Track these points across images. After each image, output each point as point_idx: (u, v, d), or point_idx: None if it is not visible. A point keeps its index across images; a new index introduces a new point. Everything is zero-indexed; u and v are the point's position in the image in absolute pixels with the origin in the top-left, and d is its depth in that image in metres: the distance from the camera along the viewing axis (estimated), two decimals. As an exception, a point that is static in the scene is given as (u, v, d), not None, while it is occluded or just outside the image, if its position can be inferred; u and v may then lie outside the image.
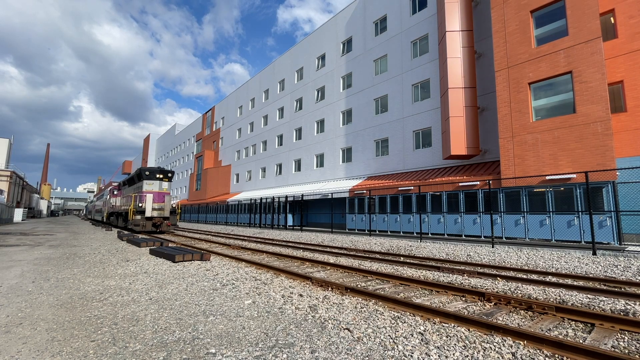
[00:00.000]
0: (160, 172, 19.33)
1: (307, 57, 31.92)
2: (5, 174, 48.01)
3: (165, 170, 19.68)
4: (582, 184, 12.24)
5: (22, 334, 3.48)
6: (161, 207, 18.72)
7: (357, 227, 20.80)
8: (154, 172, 19.19)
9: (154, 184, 19.06)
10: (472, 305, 4.74)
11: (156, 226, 18.52)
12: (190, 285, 5.69)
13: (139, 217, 17.97)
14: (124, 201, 23.24)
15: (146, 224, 18.01)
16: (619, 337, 3.55)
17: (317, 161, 29.54)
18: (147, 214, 17.99)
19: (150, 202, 18.24)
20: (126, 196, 22.41)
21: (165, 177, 19.57)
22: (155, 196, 18.72)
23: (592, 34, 13.01)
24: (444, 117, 18.43)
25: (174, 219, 19.60)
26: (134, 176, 20.79)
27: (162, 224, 18.67)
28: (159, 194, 19.01)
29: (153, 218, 18.34)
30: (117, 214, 24.88)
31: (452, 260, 8.75)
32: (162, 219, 18.70)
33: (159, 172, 19.29)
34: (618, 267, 7.62)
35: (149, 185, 18.91)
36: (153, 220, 18.35)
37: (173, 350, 3.05)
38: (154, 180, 19.15)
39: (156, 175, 19.17)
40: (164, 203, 18.94)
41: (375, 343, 3.24)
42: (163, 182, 19.47)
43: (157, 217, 18.44)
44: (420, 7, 22.02)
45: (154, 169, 19.29)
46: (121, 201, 24.27)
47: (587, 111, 12.91)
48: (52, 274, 6.78)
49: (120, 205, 24.16)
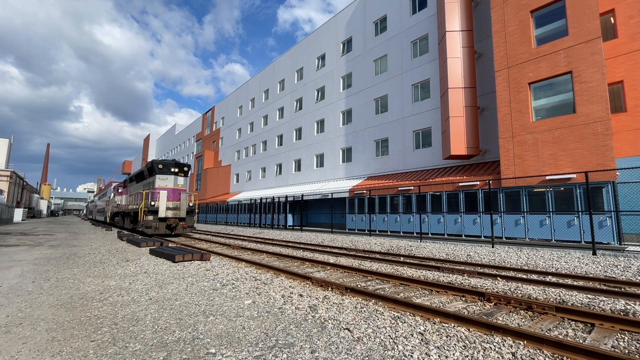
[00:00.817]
0: (175, 166, 16.70)
1: (307, 57, 31.92)
2: (5, 174, 48.02)
3: (181, 164, 17.02)
4: (582, 184, 12.24)
5: (22, 334, 3.48)
6: (176, 206, 16.25)
7: (357, 227, 20.79)
8: (169, 165, 16.58)
9: (168, 179, 16.47)
10: (472, 305, 4.74)
11: (171, 228, 15.93)
12: (190, 285, 5.68)
13: (151, 217, 15.46)
14: (131, 199, 20.58)
15: (159, 226, 15.58)
16: (619, 337, 3.55)
17: (317, 161, 29.54)
18: (160, 214, 15.50)
19: (164, 200, 15.67)
20: (134, 194, 19.72)
21: (180, 171, 16.95)
22: (169, 193, 16.08)
23: (592, 34, 13.00)
24: (444, 117, 18.43)
25: (191, 220, 16.83)
26: (144, 170, 18.21)
27: (178, 225, 16.06)
28: (174, 191, 16.36)
29: (167, 219, 15.81)
30: (123, 214, 22.41)
31: (452, 260, 8.74)
32: (178, 220, 16.11)
33: (174, 165, 16.66)
34: (618, 267, 7.62)
35: (162, 180, 16.33)
36: (167, 221, 15.80)
37: (173, 350, 3.05)
38: (168, 174, 16.56)
39: (171, 169, 16.55)
40: (180, 202, 16.28)
41: (375, 343, 3.24)
42: (178, 177, 16.78)
43: (172, 217, 15.91)
44: (420, 7, 22.02)
45: (168, 162, 16.64)
46: (128, 199, 21.66)
47: (587, 111, 12.91)
48: (52, 274, 6.78)
49: (127, 204, 21.48)
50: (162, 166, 16.42)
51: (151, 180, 16.99)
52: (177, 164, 16.80)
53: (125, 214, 21.38)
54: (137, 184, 20.07)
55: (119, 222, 24.05)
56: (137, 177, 19.99)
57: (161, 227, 15.64)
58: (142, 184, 18.62)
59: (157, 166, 16.39)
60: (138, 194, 18.23)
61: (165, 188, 16.17)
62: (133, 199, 19.85)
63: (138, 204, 17.47)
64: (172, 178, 16.59)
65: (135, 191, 19.47)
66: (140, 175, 19.24)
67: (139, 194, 17.94)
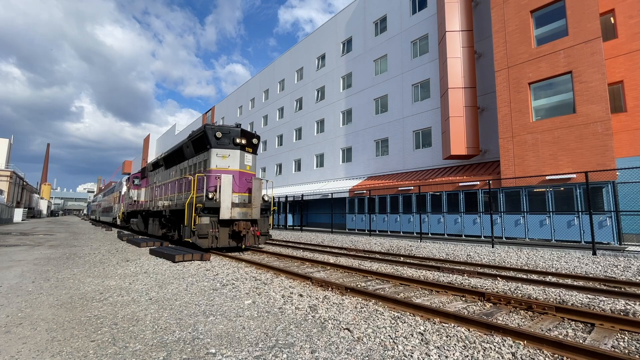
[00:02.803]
0: (242, 135, 10.66)
1: (307, 57, 31.92)
2: (5, 174, 48.05)
3: (249, 132, 11.02)
4: (582, 184, 12.23)
5: (22, 334, 3.48)
6: (246, 201, 10.33)
7: (357, 227, 20.79)
8: (232, 133, 10.52)
9: (231, 157, 10.39)
10: (472, 305, 4.74)
11: (238, 237, 9.98)
12: (190, 285, 5.68)
13: (207, 220, 9.49)
14: (160, 192, 14.12)
15: (220, 235, 9.69)
16: (619, 337, 3.55)
17: (317, 161, 29.54)
18: (223, 214, 9.42)
19: (228, 191, 9.55)
20: (165, 183, 13.67)
21: (249, 144, 10.96)
22: (236, 179, 10.18)
23: (592, 34, 13.00)
24: (444, 117, 18.43)
25: (265, 225, 10.80)
26: (186, 144, 11.63)
27: (248, 233, 9.99)
28: (242, 176, 10.47)
29: (233, 222, 9.81)
30: (146, 213, 15.97)
31: (452, 260, 8.75)
32: (249, 224, 9.97)
33: (239, 134, 10.59)
34: (618, 267, 7.62)
35: (222, 158, 10.29)
36: (233, 226, 9.77)
37: (173, 350, 3.05)
38: (232, 148, 10.44)
39: (235, 139, 10.45)
40: (252, 194, 10.23)
41: (375, 343, 3.24)
42: (246, 153, 10.81)
43: (241, 220, 9.85)
44: (420, 7, 22.02)
45: (230, 129, 10.55)
46: (152, 194, 15.37)
47: (587, 111, 12.90)
48: (52, 274, 6.78)
49: (151, 199, 15.26)
50: (222, 135, 10.31)
51: (200, 160, 10.95)
52: (244, 132, 10.74)
53: (151, 214, 15.00)
54: (164, 171, 14.21)
55: (136, 226, 17.58)
56: (170, 159, 13.53)
57: (223, 236, 9.77)
58: (180, 167, 12.56)
59: (213, 134, 10.26)
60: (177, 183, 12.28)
61: (227, 170, 10.18)
62: (162, 190, 13.81)
63: (175, 198, 12.08)
64: (237, 155, 10.49)
65: (166, 180, 13.57)
66: (177, 153, 12.76)
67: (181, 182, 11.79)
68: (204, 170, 10.50)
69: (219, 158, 10.31)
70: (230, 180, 9.70)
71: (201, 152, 10.97)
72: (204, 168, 10.62)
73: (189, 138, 11.49)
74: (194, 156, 11.46)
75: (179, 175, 12.33)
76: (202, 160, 10.87)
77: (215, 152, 10.30)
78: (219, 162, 10.30)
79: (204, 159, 10.74)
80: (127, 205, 19.85)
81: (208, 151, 10.42)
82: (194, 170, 11.22)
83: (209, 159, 10.32)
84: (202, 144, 10.78)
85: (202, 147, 10.85)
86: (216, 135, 10.29)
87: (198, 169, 11.02)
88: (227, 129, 10.51)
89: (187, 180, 11.17)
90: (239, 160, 10.53)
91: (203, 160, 10.75)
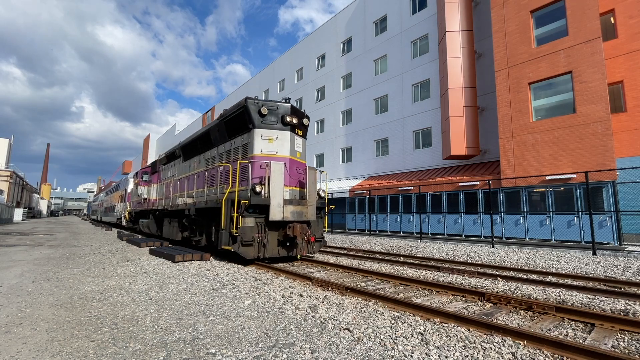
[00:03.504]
0: (292, 113, 8.38)
1: (307, 57, 31.92)
2: (5, 174, 48.05)
3: (299, 110, 8.79)
4: (582, 184, 12.24)
5: (22, 334, 3.48)
6: (297, 198, 8.25)
7: (357, 227, 20.80)
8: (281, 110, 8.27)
9: (279, 139, 8.17)
10: (472, 305, 4.74)
11: (290, 244, 7.96)
12: (190, 285, 5.68)
13: (252, 222, 7.41)
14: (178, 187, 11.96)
15: (269, 242, 7.63)
16: (619, 337, 3.55)
17: (317, 161, 29.54)
18: (273, 214, 7.33)
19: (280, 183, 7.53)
20: (185, 177, 11.54)
21: (300, 125, 8.75)
22: (287, 168, 8.11)
23: (592, 34, 13.00)
24: (444, 117, 18.43)
25: (320, 228, 8.87)
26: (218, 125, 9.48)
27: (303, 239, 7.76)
28: (292, 165, 8.33)
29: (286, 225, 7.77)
30: (160, 213, 13.70)
31: (452, 260, 8.75)
32: (303, 226, 7.77)
33: (289, 111, 8.32)
34: (618, 267, 7.62)
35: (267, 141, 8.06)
36: (285, 229, 7.73)
37: (173, 350, 3.05)
38: (280, 129, 8.21)
39: (285, 117, 8.21)
40: (306, 189, 8.18)
41: (375, 343, 3.24)
42: (296, 135, 8.63)
43: (294, 221, 7.74)
44: (420, 7, 22.02)
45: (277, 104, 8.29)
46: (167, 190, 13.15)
47: (587, 111, 12.91)
48: (52, 274, 6.78)
49: (165, 196, 13.10)
50: (267, 111, 8.05)
51: (237, 145, 8.68)
52: (294, 109, 8.50)
53: (167, 213, 12.72)
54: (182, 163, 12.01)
55: (147, 227, 15.12)
56: (191, 147, 11.38)
57: (272, 242, 7.76)
58: (205, 157, 10.39)
59: (257, 110, 8.03)
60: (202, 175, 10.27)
61: (275, 157, 8.00)
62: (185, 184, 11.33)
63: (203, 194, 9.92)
64: (287, 137, 8.27)
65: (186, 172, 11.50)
66: (201, 140, 10.66)
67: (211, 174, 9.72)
68: (242, 157, 8.27)
69: (264, 141, 7.99)
70: (281, 169, 7.57)
71: (238, 135, 8.63)
72: (242, 155, 8.33)
73: (220, 118, 9.38)
74: (227, 141, 9.18)
75: (204, 166, 10.21)
76: (239, 145, 8.55)
77: (259, 134, 7.99)
78: (264, 146, 7.97)
79: (243, 142, 8.39)
80: (135, 204, 17.41)
81: (250, 132, 8.08)
82: (227, 159, 9.01)
83: (252, 141, 8.00)
84: (241, 124, 8.41)
85: (240, 127, 8.51)
86: (261, 111, 7.94)
87: (233, 156, 8.70)
88: (274, 105, 8.22)
89: (219, 170, 8.99)
90: (289, 145, 8.21)
91: (242, 145, 8.44)
